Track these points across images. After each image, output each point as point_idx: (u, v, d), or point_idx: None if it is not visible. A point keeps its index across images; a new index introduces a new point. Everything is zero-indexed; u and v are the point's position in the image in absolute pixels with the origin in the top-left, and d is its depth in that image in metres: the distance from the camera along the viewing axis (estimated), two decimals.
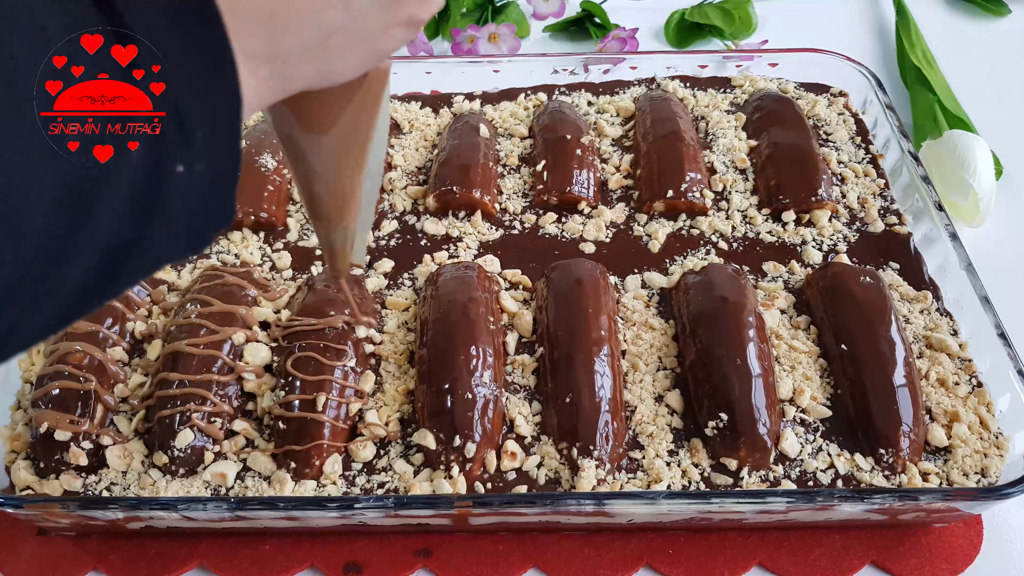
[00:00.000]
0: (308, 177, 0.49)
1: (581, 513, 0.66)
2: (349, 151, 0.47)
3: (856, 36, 1.28)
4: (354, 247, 0.56)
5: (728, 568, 0.69)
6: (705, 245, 0.87)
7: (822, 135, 0.99)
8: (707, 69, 1.09)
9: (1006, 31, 1.30)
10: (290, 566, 0.70)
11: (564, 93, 1.06)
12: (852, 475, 0.68)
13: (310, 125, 0.45)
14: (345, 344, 0.72)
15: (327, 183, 0.49)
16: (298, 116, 0.44)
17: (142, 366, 0.74)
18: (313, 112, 0.44)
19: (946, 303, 0.80)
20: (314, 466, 0.68)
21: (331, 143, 0.46)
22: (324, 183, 0.49)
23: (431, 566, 0.70)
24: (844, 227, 0.88)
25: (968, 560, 0.69)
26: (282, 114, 0.44)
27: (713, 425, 0.68)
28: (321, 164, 0.47)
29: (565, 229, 0.89)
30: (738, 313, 0.73)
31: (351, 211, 0.52)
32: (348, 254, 0.56)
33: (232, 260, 0.85)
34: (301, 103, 0.42)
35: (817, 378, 0.74)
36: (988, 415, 0.71)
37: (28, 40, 0.29)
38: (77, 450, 0.68)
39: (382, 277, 0.84)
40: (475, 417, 0.68)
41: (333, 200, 0.50)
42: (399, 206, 0.92)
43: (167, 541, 0.71)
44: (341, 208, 0.51)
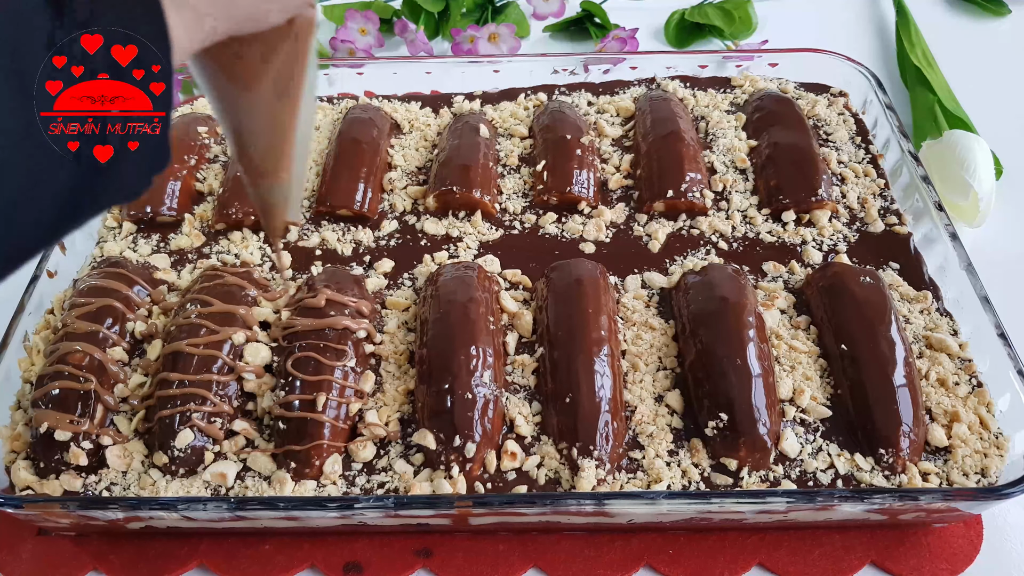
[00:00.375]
0: (241, 132, 0.49)
1: (581, 513, 0.66)
2: (281, 104, 0.47)
3: (856, 36, 1.28)
4: (289, 204, 0.56)
5: (728, 568, 0.69)
6: (705, 245, 0.87)
7: (822, 135, 0.99)
8: (707, 69, 1.09)
9: (1006, 31, 1.30)
10: (290, 566, 0.70)
11: (564, 93, 1.06)
12: (852, 475, 0.68)
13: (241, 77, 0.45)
14: (345, 344, 0.72)
15: (260, 137, 0.49)
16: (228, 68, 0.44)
17: (142, 366, 0.74)
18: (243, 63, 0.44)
19: (946, 303, 0.80)
20: (314, 466, 0.68)
21: (263, 96, 0.46)
22: (257, 137, 0.49)
23: (431, 566, 0.70)
24: (844, 227, 0.88)
25: (968, 560, 0.69)
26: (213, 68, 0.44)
27: (713, 425, 0.68)
28: (254, 118, 0.48)
29: (565, 229, 0.89)
30: (738, 313, 0.73)
31: (285, 166, 0.52)
32: (284, 211, 0.57)
33: (232, 260, 0.85)
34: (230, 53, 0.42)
35: (817, 378, 0.74)
36: (988, 415, 0.71)
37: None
38: (77, 450, 0.68)
39: (382, 277, 0.84)
40: (475, 417, 0.68)
41: (267, 155, 0.50)
42: (399, 206, 0.92)
43: (167, 541, 0.71)
44: (276, 163, 0.51)
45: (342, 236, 0.89)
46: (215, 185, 0.93)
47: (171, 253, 0.87)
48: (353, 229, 0.89)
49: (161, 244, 0.88)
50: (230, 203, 0.88)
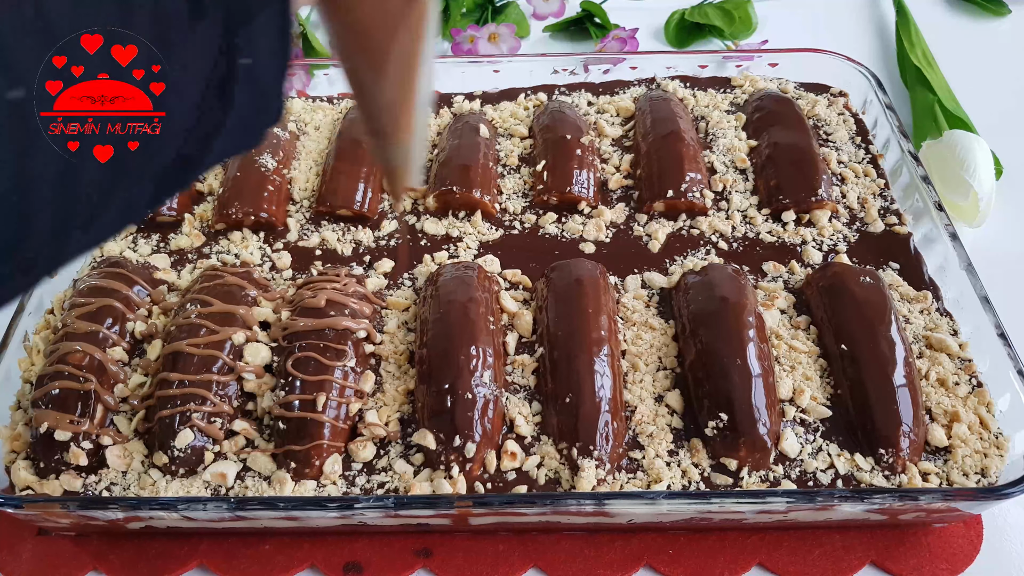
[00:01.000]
0: (366, 88, 0.50)
1: (581, 513, 0.66)
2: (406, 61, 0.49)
3: (856, 36, 1.28)
4: (410, 166, 0.57)
5: (728, 568, 0.69)
6: (705, 245, 0.87)
7: (822, 135, 0.99)
8: (707, 69, 1.09)
9: (1006, 31, 1.30)
10: (290, 566, 0.70)
11: (564, 93, 1.06)
12: (852, 475, 0.68)
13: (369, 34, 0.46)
14: (345, 344, 0.72)
15: (386, 95, 0.50)
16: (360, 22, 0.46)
17: (142, 366, 0.74)
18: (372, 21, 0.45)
19: (946, 303, 0.80)
20: (314, 466, 0.68)
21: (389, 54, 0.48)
22: (384, 95, 0.50)
23: (431, 566, 0.70)
24: (844, 227, 0.88)
25: (968, 560, 0.69)
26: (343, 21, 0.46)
27: (713, 425, 0.68)
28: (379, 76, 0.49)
29: (565, 229, 0.89)
30: (738, 313, 0.73)
31: (407, 126, 0.53)
32: (406, 174, 0.57)
33: (232, 260, 0.85)
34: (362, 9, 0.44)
35: (817, 378, 0.74)
36: (988, 415, 0.71)
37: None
38: (77, 450, 0.68)
39: (382, 277, 0.84)
40: (475, 417, 0.68)
41: (391, 113, 0.52)
42: (399, 206, 0.91)
43: (167, 541, 0.71)
44: (398, 121, 0.52)
45: (342, 236, 0.89)
46: (215, 185, 0.93)
47: (171, 253, 0.87)
48: (353, 229, 0.89)
49: (161, 244, 0.88)
50: (230, 203, 0.88)
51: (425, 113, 0.55)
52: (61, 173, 0.32)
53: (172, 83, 0.33)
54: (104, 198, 0.34)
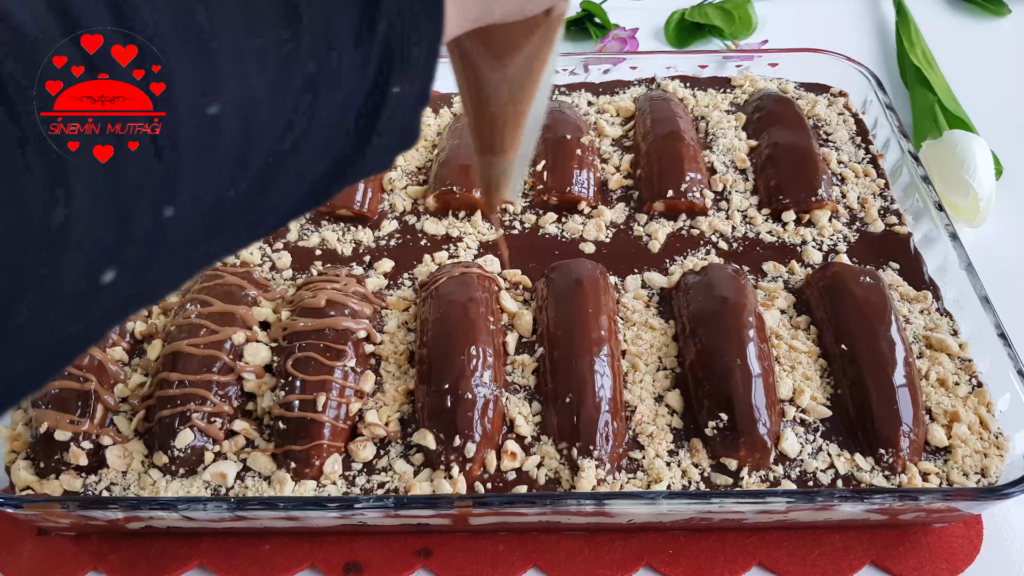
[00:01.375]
0: (481, 107, 0.51)
1: (581, 513, 0.66)
2: (525, 84, 0.50)
3: (856, 36, 1.28)
4: (510, 182, 0.58)
5: (728, 568, 0.69)
6: (705, 245, 0.87)
7: (822, 135, 0.99)
8: (707, 69, 1.09)
9: (1006, 31, 1.30)
10: (290, 566, 0.70)
11: (564, 93, 1.06)
12: (852, 475, 0.68)
13: (497, 57, 0.48)
14: (345, 344, 0.72)
15: (498, 114, 0.52)
16: (488, 48, 0.48)
17: (142, 366, 0.74)
18: (502, 45, 0.48)
19: (946, 303, 0.80)
20: (314, 466, 0.68)
21: (511, 76, 0.49)
22: (495, 114, 0.52)
23: (431, 566, 0.70)
24: (844, 227, 0.88)
25: (968, 560, 0.69)
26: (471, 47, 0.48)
27: (713, 425, 0.68)
28: (497, 95, 0.50)
29: (565, 229, 0.89)
30: (738, 313, 0.73)
31: (515, 144, 0.54)
32: (504, 189, 0.58)
33: (232, 260, 0.85)
34: (492, 36, 0.46)
35: (817, 378, 0.74)
36: (988, 415, 0.71)
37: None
38: (77, 450, 0.68)
39: (382, 277, 0.84)
40: (475, 417, 0.68)
41: (501, 132, 0.53)
42: (399, 206, 0.92)
43: (167, 541, 0.71)
44: (505, 140, 0.53)
45: (342, 236, 0.89)
46: None
47: None
48: (353, 229, 0.89)
49: None
50: None
51: (535, 132, 0.57)
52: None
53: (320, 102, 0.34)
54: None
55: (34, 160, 0.28)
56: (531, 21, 0.47)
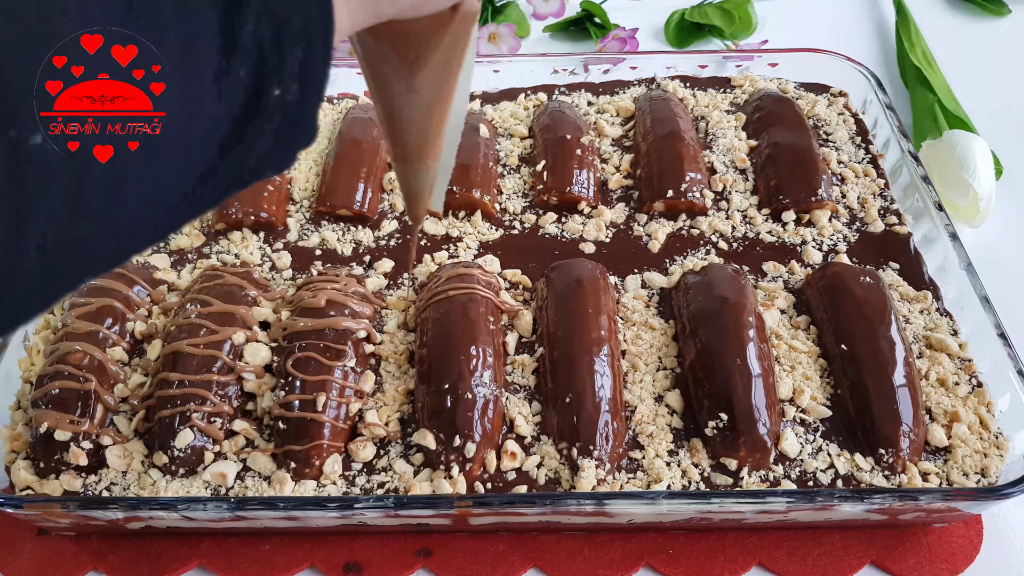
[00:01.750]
0: (394, 115, 0.49)
1: (581, 513, 0.66)
2: (440, 90, 0.48)
3: (856, 36, 1.28)
4: (433, 192, 0.57)
5: (728, 568, 0.69)
6: (705, 245, 0.87)
7: (822, 135, 0.99)
8: (707, 69, 1.09)
9: (1006, 31, 1.30)
10: (290, 566, 0.70)
11: (564, 93, 1.06)
12: (852, 475, 0.68)
13: (405, 60, 0.46)
14: (345, 344, 0.72)
15: (413, 122, 0.50)
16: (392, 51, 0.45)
17: (142, 366, 0.74)
18: (406, 47, 0.45)
19: (946, 303, 0.80)
20: (314, 466, 0.68)
21: (425, 80, 0.47)
22: (410, 122, 0.50)
23: (431, 566, 0.70)
24: (844, 227, 0.88)
25: (968, 560, 0.69)
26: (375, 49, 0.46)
27: (713, 425, 0.68)
28: (407, 102, 0.48)
29: (565, 229, 0.89)
30: (738, 313, 0.73)
31: (433, 152, 0.52)
32: (427, 199, 0.57)
33: (232, 260, 0.85)
34: (395, 38, 0.44)
35: (817, 378, 0.74)
36: (988, 415, 0.71)
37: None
38: (77, 450, 0.68)
39: (382, 277, 0.84)
40: (475, 417, 0.68)
41: (417, 140, 0.51)
42: (399, 206, 0.92)
43: (167, 541, 0.71)
44: (423, 148, 0.52)
45: (342, 236, 0.89)
46: None
47: (171, 253, 0.87)
48: (353, 229, 0.89)
49: (161, 244, 0.88)
50: (230, 203, 0.88)
51: (455, 141, 0.55)
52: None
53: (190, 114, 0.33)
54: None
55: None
56: (437, 20, 0.44)
